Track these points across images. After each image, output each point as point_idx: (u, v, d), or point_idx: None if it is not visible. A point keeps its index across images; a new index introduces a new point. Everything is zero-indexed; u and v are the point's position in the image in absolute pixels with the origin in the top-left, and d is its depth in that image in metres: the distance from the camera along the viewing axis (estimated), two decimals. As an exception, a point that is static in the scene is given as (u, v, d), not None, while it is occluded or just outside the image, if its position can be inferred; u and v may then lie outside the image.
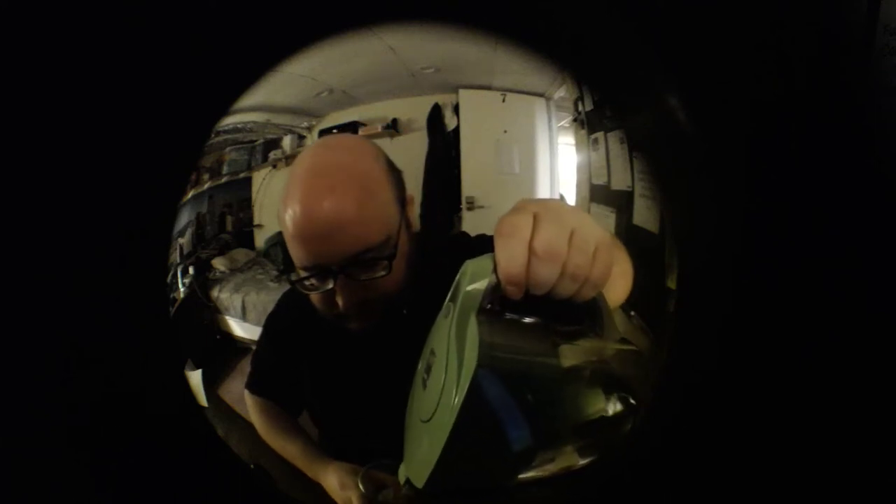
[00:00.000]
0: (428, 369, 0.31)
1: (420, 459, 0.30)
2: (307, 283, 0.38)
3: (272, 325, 0.44)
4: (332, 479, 0.41)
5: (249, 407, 0.45)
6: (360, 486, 0.39)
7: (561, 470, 0.31)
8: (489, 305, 0.28)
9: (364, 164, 0.38)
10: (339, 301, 0.37)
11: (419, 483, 0.29)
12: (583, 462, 0.31)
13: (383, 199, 0.38)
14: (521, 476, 0.30)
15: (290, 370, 0.45)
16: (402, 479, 0.32)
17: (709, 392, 0.33)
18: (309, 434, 0.45)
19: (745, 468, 0.33)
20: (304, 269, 0.38)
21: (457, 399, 0.26)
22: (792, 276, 0.32)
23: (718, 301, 0.32)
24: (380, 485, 0.38)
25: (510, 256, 0.27)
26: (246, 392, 0.45)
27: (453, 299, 0.31)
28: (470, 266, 0.29)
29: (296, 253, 0.37)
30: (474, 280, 0.29)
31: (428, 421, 0.29)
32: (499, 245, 0.28)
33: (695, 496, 0.34)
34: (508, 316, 0.29)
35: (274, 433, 0.45)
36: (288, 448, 0.44)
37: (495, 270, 0.27)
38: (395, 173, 0.39)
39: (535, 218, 0.27)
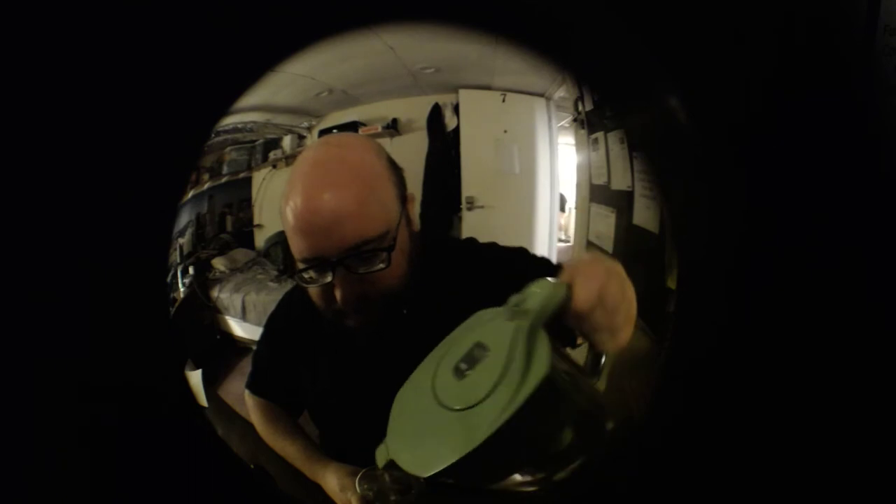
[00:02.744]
0: (470, 361, 0.32)
1: (434, 447, 0.30)
2: (306, 275, 0.38)
3: (273, 325, 0.44)
4: (331, 480, 0.41)
5: (249, 407, 0.45)
6: (358, 488, 0.39)
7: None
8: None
9: (366, 160, 0.39)
10: (338, 294, 0.37)
11: (427, 470, 0.30)
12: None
13: (384, 194, 0.38)
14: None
15: (290, 371, 0.45)
16: (381, 460, 0.33)
17: (708, 392, 0.33)
18: (308, 435, 0.45)
19: (744, 468, 0.33)
20: (304, 261, 0.38)
21: (518, 398, 0.29)
22: (791, 275, 0.32)
23: (718, 301, 0.32)
24: (379, 486, 0.39)
25: (587, 297, 0.31)
26: (246, 392, 0.45)
27: (520, 306, 0.32)
28: (546, 285, 0.33)
29: (296, 245, 0.38)
30: (548, 299, 0.32)
31: (463, 410, 0.30)
32: (579, 283, 0.32)
33: (695, 496, 0.34)
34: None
35: (273, 433, 0.45)
36: (287, 448, 0.44)
37: (566, 299, 0.31)
38: (396, 171, 0.40)
39: (607, 272, 0.33)
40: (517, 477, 0.36)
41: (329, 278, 0.37)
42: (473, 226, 0.43)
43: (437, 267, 0.42)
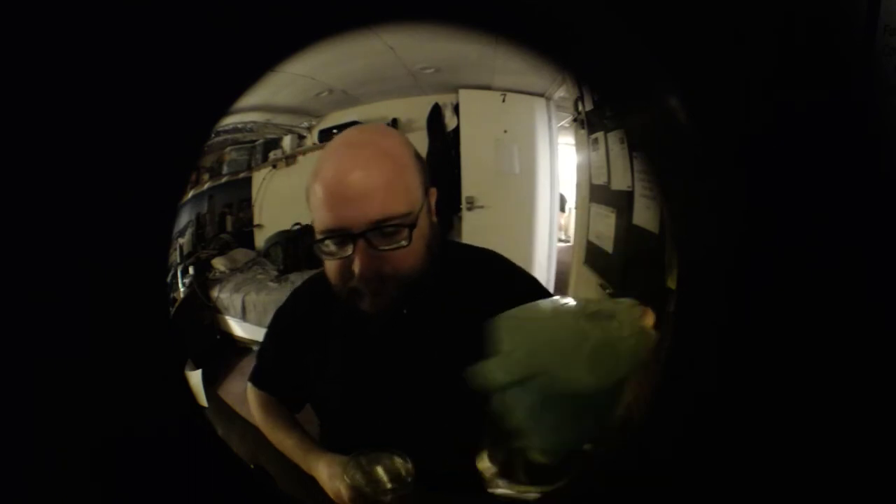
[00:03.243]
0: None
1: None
2: (326, 247, 0.39)
3: (280, 320, 0.44)
4: (322, 470, 0.42)
5: (250, 399, 0.45)
6: (346, 477, 0.39)
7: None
8: None
9: (394, 145, 0.41)
10: (356, 269, 0.38)
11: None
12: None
13: (409, 179, 0.40)
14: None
15: (295, 366, 0.46)
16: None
17: (709, 392, 0.33)
18: (305, 429, 0.46)
19: (744, 467, 0.33)
20: (327, 232, 0.39)
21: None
22: (792, 276, 0.32)
23: (718, 301, 0.32)
24: (369, 476, 0.39)
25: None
26: (248, 385, 0.45)
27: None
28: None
29: (320, 217, 0.39)
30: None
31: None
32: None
33: (695, 496, 0.34)
34: None
35: (273, 426, 0.45)
36: (285, 441, 0.45)
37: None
38: (420, 162, 0.42)
39: None
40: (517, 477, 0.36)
41: (349, 251, 0.38)
42: (473, 226, 0.43)
43: (455, 269, 0.42)
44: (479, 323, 0.39)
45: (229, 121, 0.42)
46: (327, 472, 0.41)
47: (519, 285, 0.42)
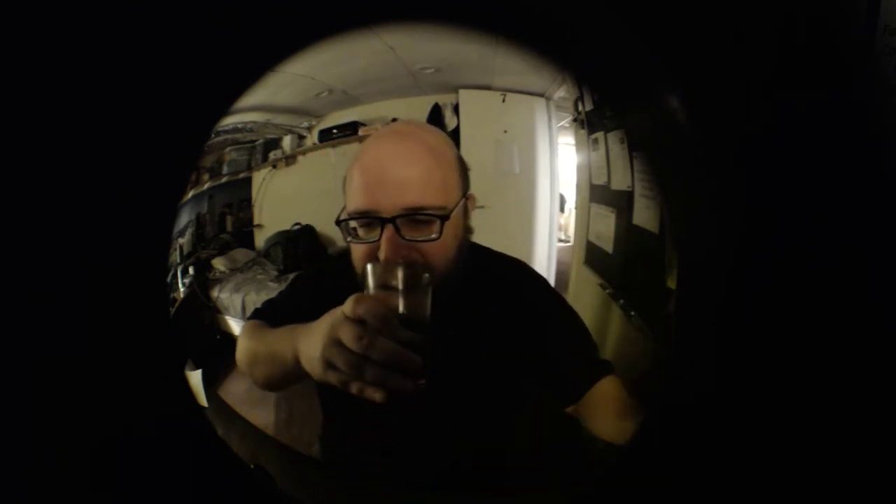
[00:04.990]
0: None
1: None
2: (354, 228, 0.39)
3: (301, 282, 0.45)
4: (302, 344, 0.38)
5: (240, 336, 0.44)
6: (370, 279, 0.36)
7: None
8: None
9: (438, 141, 0.41)
10: (381, 255, 0.37)
11: None
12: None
13: (448, 174, 0.40)
14: None
15: (302, 316, 0.43)
16: None
17: (708, 392, 0.33)
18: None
19: (745, 467, 0.33)
20: (358, 213, 0.38)
21: None
22: (792, 276, 0.32)
23: (718, 301, 0.32)
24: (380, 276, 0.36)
25: None
26: (245, 322, 0.45)
27: None
28: None
29: (354, 199, 0.39)
30: None
31: None
32: None
33: (695, 496, 0.34)
34: None
35: (257, 340, 0.43)
36: (268, 337, 0.42)
37: None
38: (462, 164, 0.41)
39: None
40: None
41: (376, 236, 0.37)
42: (474, 226, 0.43)
43: (480, 274, 0.42)
44: (495, 329, 0.39)
45: (229, 121, 0.42)
46: (304, 346, 0.37)
47: (537, 296, 0.42)
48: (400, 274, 0.35)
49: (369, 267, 0.36)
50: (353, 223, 0.39)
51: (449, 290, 0.39)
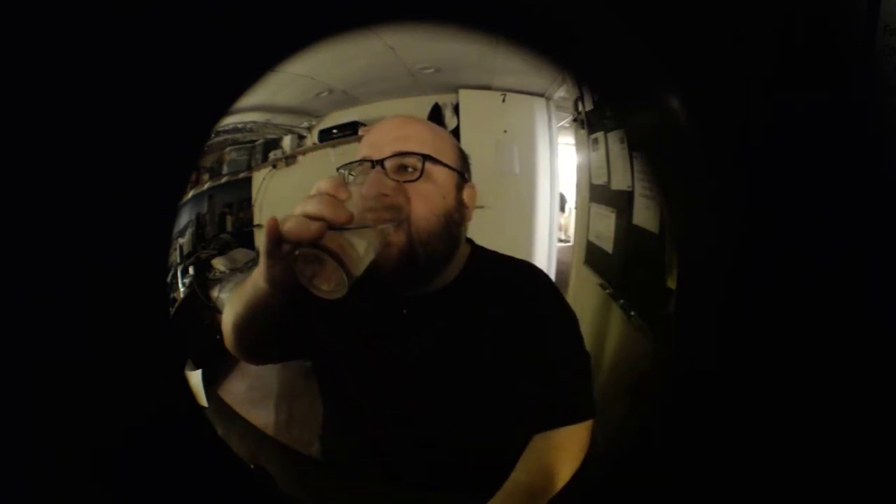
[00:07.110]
0: None
1: None
2: (345, 172, 0.41)
3: None
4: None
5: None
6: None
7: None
8: None
9: (440, 129, 0.43)
10: (363, 190, 0.37)
11: None
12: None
13: (444, 145, 0.42)
14: None
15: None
16: None
17: (708, 391, 0.33)
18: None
19: (744, 467, 0.33)
20: (354, 162, 0.41)
21: None
22: (791, 275, 0.32)
23: (718, 301, 0.32)
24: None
25: None
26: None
27: None
28: None
29: (356, 156, 0.41)
30: None
31: None
32: None
33: (695, 495, 0.34)
34: None
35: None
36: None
37: None
38: (461, 150, 0.43)
39: None
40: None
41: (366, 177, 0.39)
42: (474, 225, 0.43)
43: (483, 274, 0.42)
44: (496, 330, 0.39)
45: (229, 121, 0.42)
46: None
47: (540, 300, 0.42)
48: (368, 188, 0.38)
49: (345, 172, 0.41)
50: (347, 170, 0.41)
51: (445, 283, 0.39)
